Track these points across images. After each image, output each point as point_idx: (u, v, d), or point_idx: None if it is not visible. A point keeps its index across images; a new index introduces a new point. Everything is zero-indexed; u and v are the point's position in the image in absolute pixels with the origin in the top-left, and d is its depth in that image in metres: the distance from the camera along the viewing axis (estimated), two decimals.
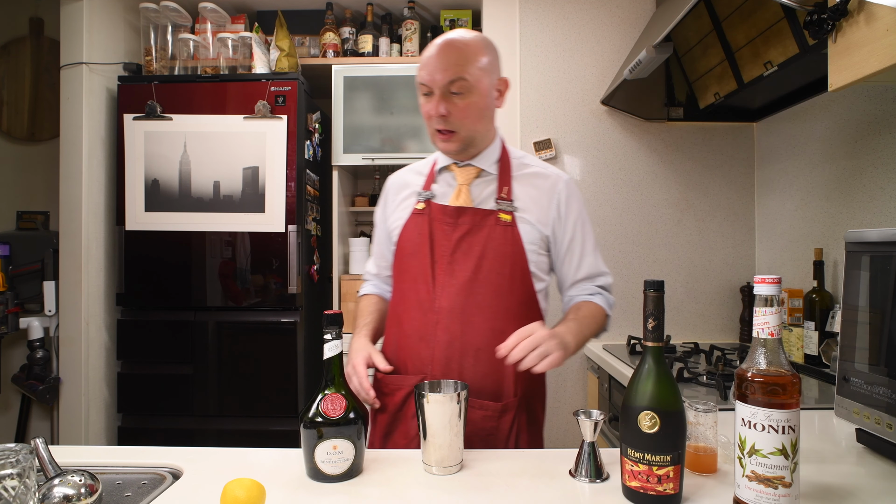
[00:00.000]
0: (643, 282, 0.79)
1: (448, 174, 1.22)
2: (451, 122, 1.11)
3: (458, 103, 1.10)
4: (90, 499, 0.77)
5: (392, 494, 0.84)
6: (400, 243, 1.20)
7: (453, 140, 1.13)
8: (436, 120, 1.12)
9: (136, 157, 2.27)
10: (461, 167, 1.20)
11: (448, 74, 1.08)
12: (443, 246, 1.14)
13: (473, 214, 1.15)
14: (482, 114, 1.14)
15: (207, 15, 2.44)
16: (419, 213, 1.18)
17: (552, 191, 1.20)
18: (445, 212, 1.16)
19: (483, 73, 1.11)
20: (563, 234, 1.20)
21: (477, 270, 1.12)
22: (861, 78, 1.06)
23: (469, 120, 1.12)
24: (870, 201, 1.65)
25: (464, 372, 1.10)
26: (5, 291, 2.30)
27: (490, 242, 1.13)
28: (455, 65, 1.09)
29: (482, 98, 1.12)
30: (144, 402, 2.26)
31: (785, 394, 0.72)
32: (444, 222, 1.15)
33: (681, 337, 2.32)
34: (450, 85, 1.09)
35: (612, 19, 2.38)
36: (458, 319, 1.11)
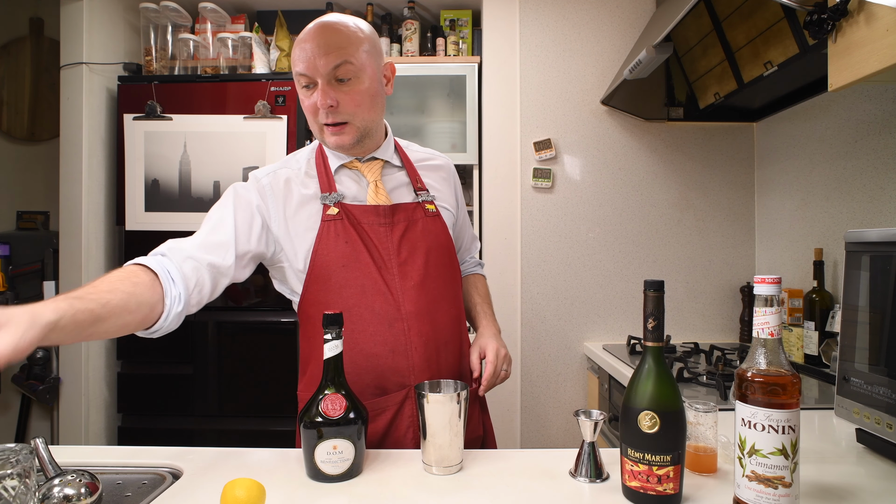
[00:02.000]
0: (643, 282, 0.79)
1: (349, 171, 1.10)
2: (341, 113, 1.01)
3: (347, 91, 1.00)
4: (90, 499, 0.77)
5: (392, 494, 0.84)
6: (320, 258, 1.03)
7: (346, 132, 1.02)
8: (323, 113, 1.00)
9: (136, 157, 2.27)
10: (365, 162, 1.10)
11: (331, 59, 0.97)
12: (385, 249, 1.05)
13: (405, 210, 1.08)
14: (374, 101, 1.04)
15: (207, 15, 2.44)
16: (335, 219, 1.03)
17: (448, 174, 1.23)
18: (378, 212, 1.05)
19: (368, 56, 1.02)
20: (459, 213, 1.25)
21: (426, 266, 1.07)
22: (861, 78, 1.06)
23: (362, 108, 1.02)
24: (870, 201, 1.65)
25: (441, 368, 1.07)
26: (5, 291, 2.30)
27: (428, 235, 1.09)
28: (337, 48, 0.98)
29: (372, 83, 1.03)
30: (144, 402, 2.26)
31: (785, 394, 0.72)
32: (377, 224, 1.05)
33: (681, 337, 2.32)
34: (334, 71, 0.98)
35: (612, 19, 2.38)
36: (427, 319, 1.05)
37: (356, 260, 1.03)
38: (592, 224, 2.38)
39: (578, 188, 2.38)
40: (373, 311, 1.03)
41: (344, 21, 1.03)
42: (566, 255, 2.37)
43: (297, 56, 1.01)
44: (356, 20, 1.05)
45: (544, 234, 2.38)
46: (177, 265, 0.95)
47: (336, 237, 1.03)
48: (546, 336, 2.37)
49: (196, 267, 0.97)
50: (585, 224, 2.38)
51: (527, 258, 2.38)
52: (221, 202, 1.06)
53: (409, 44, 2.58)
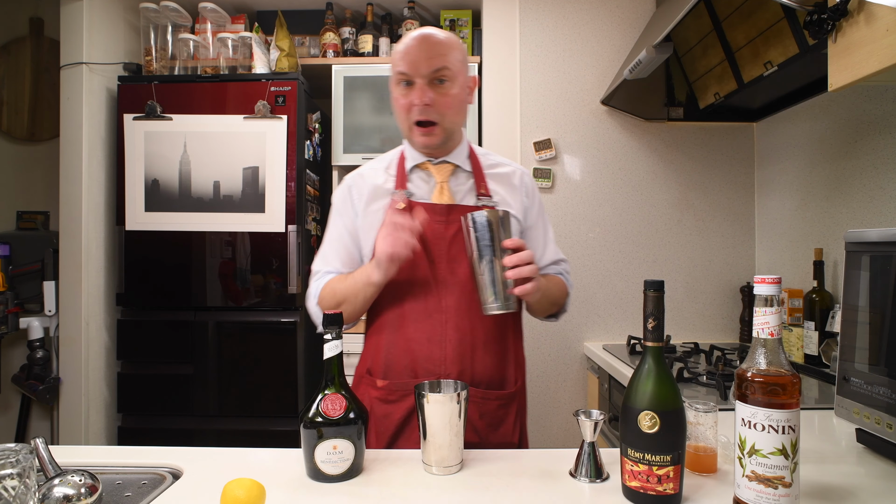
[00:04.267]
0: (643, 282, 0.79)
1: (422, 172, 1.19)
2: (433, 113, 1.10)
3: (443, 93, 1.10)
4: (90, 499, 0.77)
5: (392, 494, 0.84)
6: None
7: (434, 133, 1.12)
8: (418, 110, 1.09)
9: (136, 157, 2.27)
10: (436, 164, 1.18)
11: (433, 63, 1.08)
12: (438, 245, 1.13)
13: (462, 211, 1.14)
14: (461, 107, 1.15)
15: (207, 15, 2.44)
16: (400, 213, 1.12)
17: (520, 184, 1.25)
18: (435, 210, 1.14)
19: (461, 65, 1.13)
20: (529, 223, 1.26)
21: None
22: (861, 78, 1.06)
23: (451, 111, 1.12)
24: (870, 201, 1.65)
25: (475, 366, 1.12)
26: (5, 291, 2.30)
27: None
28: (439, 54, 1.09)
29: (462, 90, 1.14)
30: (144, 402, 2.26)
31: (785, 394, 0.72)
32: (434, 221, 1.13)
33: (681, 337, 2.32)
34: (434, 73, 1.08)
35: (612, 19, 2.38)
36: (466, 316, 1.12)
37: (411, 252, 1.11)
38: (592, 224, 2.38)
39: (578, 188, 2.38)
40: (417, 299, 1.12)
41: (442, 33, 1.14)
42: (566, 255, 2.36)
43: (400, 57, 1.11)
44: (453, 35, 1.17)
45: None
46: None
47: None
48: (546, 336, 2.37)
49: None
50: (585, 224, 2.38)
51: None
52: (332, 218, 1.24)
53: None
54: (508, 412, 1.15)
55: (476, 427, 1.11)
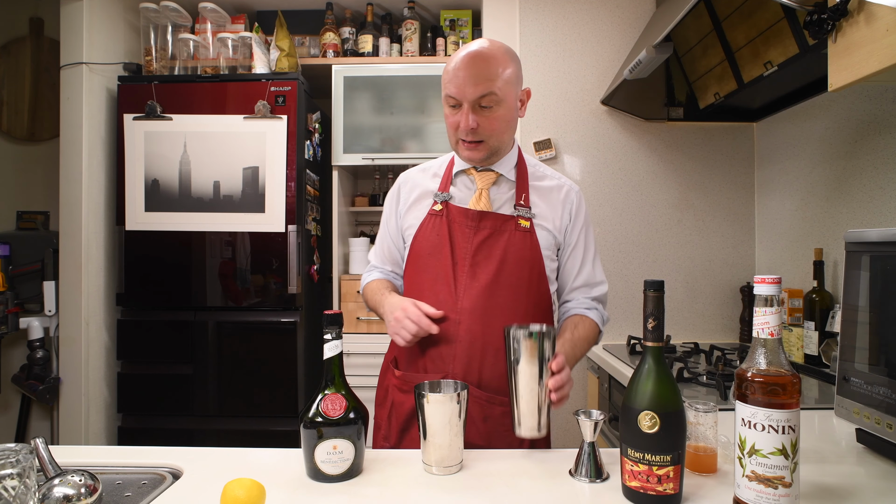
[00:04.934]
0: (643, 282, 0.79)
1: (466, 177, 1.23)
2: (479, 134, 1.13)
3: (488, 116, 1.11)
4: (90, 499, 0.77)
5: (392, 494, 0.84)
6: (416, 243, 1.21)
7: (479, 149, 1.15)
8: (463, 132, 1.12)
9: (136, 157, 2.27)
10: (480, 171, 1.21)
11: (479, 89, 1.08)
12: (464, 248, 1.16)
13: (494, 219, 1.17)
14: (508, 125, 1.16)
15: (207, 15, 2.44)
16: (437, 215, 1.19)
17: (565, 199, 1.25)
18: (467, 215, 1.17)
19: (510, 85, 1.12)
20: (570, 240, 1.25)
21: (498, 273, 1.14)
22: (861, 78, 1.06)
23: (497, 132, 1.14)
24: (870, 201, 1.65)
25: (483, 370, 1.13)
26: (5, 291, 2.30)
27: (510, 247, 1.16)
28: (486, 79, 1.09)
29: (509, 111, 1.14)
30: (144, 402, 2.26)
31: (785, 394, 0.72)
32: (465, 225, 1.16)
33: (681, 337, 2.32)
34: (479, 99, 1.09)
35: (612, 19, 2.38)
36: (480, 320, 1.13)
37: (438, 251, 1.17)
38: (592, 224, 2.37)
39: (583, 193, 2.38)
40: (437, 297, 1.15)
41: (493, 51, 1.11)
42: None
43: (449, 79, 1.12)
44: (506, 48, 1.14)
45: None
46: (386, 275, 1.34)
47: (431, 229, 1.19)
48: None
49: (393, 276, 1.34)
50: None
51: None
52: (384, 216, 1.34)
53: (409, 44, 2.58)
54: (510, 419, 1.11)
55: (480, 431, 1.12)
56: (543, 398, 0.96)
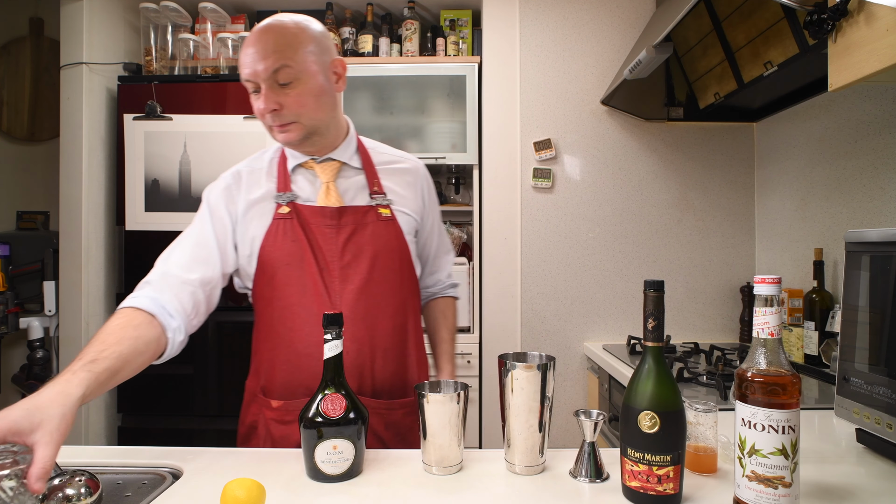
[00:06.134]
0: (643, 282, 0.79)
1: (306, 171, 1.11)
2: (286, 115, 1.01)
3: (289, 93, 1.00)
4: (90, 499, 0.77)
5: (392, 494, 0.84)
6: (267, 254, 1.06)
7: (292, 130, 1.03)
8: (268, 114, 1.01)
9: (136, 157, 2.27)
10: (320, 163, 1.10)
11: (270, 63, 0.97)
12: (330, 251, 1.05)
13: (354, 213, 1.07)
14: (320, 101, 1.04)
15: (207, 15, 2.44)
16: (285, 218, 1.05)
17: (416, 179, 1.20)
18: (325, 213, 1.06)
19: (311, 55, 1.01)
20: (426, 223, 1.22)
21: (371, 271, 1.07)
22: (861, 78, 1.06)
23: (307, 109, 1.02)
24: (870, 201, 1.65)
25: (375, 376, 1.07)
26: (5, 291, 2.30)
27: (377, 240, 1.08)
28: (275, 52, 0.97)
29: (316, 84, 1.02)
30: (144, 402, 2.26)
31: (785, 394, 0.72)
32: (323, 225, 1.05)
33: (681, 337, 2.32)
34: (275, 75, 0.98)
35: (612, 19, 2.38)
36: (363, 324, 1.05)
37: (301, 259, 1.04)
38: (592, 224, 2.38)
39: (578, 188, 2.38)
40: (310, 311, 1.04)
41: (283, 22, 1.01)
42: (566, 255, 2.37)
43: (242, 61, 1.01)
44: (301, 19, 1.04)
45: (544, 234, 2.38)
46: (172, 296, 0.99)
47: (283, 235, 1.05)
48: (546, 336, 2.37)
49: (192, 291, 1.01)
50: (585, 224, 2.38)
51: (527, 258, 2.38)
52: (199, 214, 1.11)
53: (409, 44, 2.58)
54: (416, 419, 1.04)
55: (382, 438, 1.06)
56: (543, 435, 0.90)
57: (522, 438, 0.90)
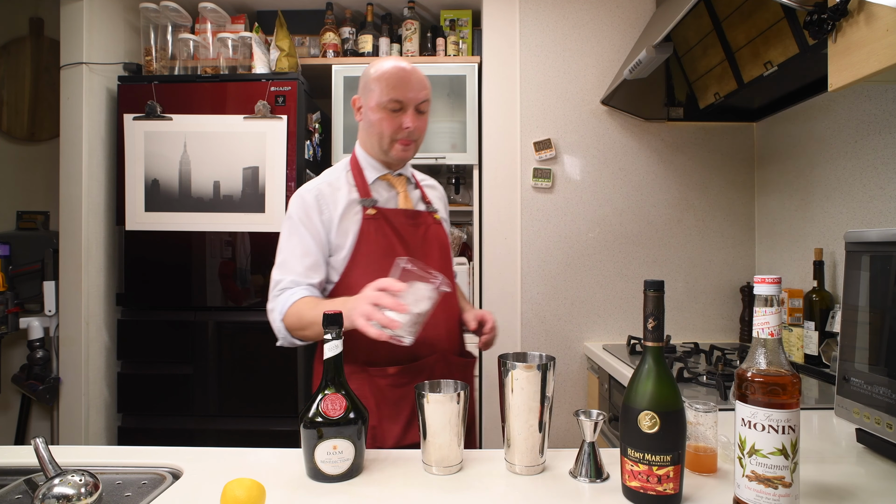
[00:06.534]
0: (643, 282, 0.79)
1: (383, 183, 1.33)
2: (413, 135, 1.27)
3: (422, 119, 1.28)
4: (90, 499, 0.77)
5: (392, 494, 0.84)
6: (364, 248, 1.25)
7: (411, 149, 1.30)
8: (405, 132, 1.25)
9: (136, 157, 2.27)
10: (396, 176, 1.34)
11: (422, 94, 1.26)
12: (413, 243, 1.29)
13: (423, 216, 1.34)
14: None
15: (207, 15, 2.44)
16: (373, 219, 1.26)
17: (442, 196, 1.50)
18: (407, 214, 1.31)
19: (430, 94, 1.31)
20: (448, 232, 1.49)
21: (440, 259, 1.33)
22: (861, 78, 1.06)
23: (423, 133, 1.31)
24: (870, 201, 1.65)
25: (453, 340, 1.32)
26: (5, 291, 2.30)
27: (438, 237, 1.36)
28: (424, 87, 1.27)
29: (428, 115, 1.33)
30: (144, 402, 2.26)
31: (785, 394, 0.72)
32: (406, 224, 1.30)
33: (681, 337, 2.32)
34: (421, 104, 1.26)
35: (612, 19, 2.38)
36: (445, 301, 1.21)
37: (393, 250, 1.24)
38: (592, 224, 2.38)
39: (578, 188, 2.38)
40: None
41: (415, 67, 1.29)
42: (566, 255, 2.37)
43: (391, 86, 1.23)
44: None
45: (544, 234, 2.38)
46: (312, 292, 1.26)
47: (376, 232, 1.26)
48: (546, 336, 2.37)
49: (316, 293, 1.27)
50: (585, 224, 2.38)
51: (527, 258, 2.38)
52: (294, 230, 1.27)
53: (409, 44, 2.58)
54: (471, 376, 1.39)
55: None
56: (543, 435, 0.91)
57: (522, 438, 0.90)
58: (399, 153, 1.28)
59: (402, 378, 1.21)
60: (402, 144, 1.27)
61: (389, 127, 1.25)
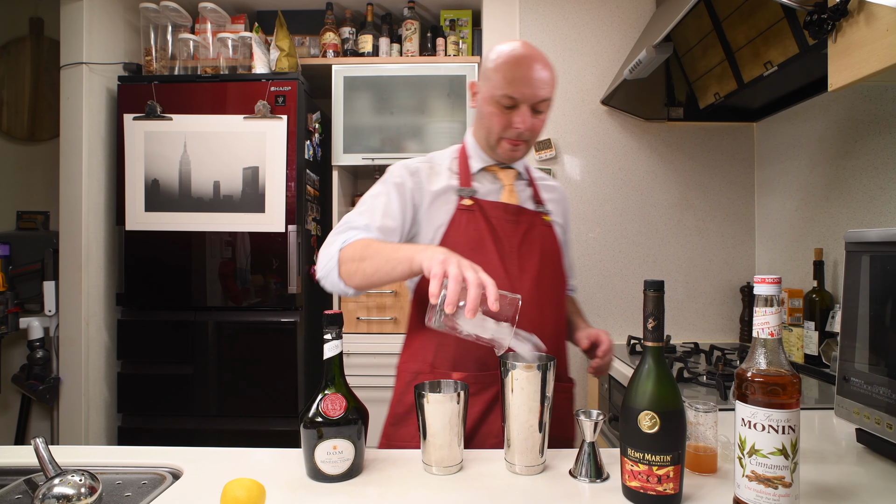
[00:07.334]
0: (643, 282, 0.79)
1: (488, 174, 1.23)
2: (525, 135, 1.15)
3: (538, 118, 1.15)
4: (90, 499, 0.77)
5: (392, 494, 0.84)
6: (451, 240, 1.15)
7: (521, 149, 1.18)
8: (515, 131, 1.13)
9: (136, 157, 2.27)
10: (503, 169, 1.23)
11: (541, 92, 1.11)
12: (510, 241, 1.16)
13: (528, 214, 1.20)
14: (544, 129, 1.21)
15: (207, 15, 2.44)
16: (467, 210, 1.16)
17: (562, 198, 1.33)
18: (507, 209, 1.18)
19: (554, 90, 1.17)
20: (566, 235, 1.34)
21: (541, 265, 1.17)
22: (861, 78, 1.06)
23: (537, 134, 1.18)
24: (870, 201, 1.65)
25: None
26: (5, 291, 2.30)
27: (544, 240, 1.20)
28: (547, 85, 1.12)
29: (548, 115, 1.19)
30: (144, 402, 2.26)
31: (785, 394, 0.72)
32: (505, 219, 1.17)
33: (681, 337, 2.32)
34: (538, 104, 1.12)
35: (612, 19, 2.38)
36: (535, 310, 1.14)
37: (482, 245, 1.14)
38: (592, 224, 2.38)
39: (578, 188, 2.38)
40: None
41: (548, 61, 1.15)
42: None
43: (507, 80, 1.10)
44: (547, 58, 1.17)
45: None
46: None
47: (466, 224, 1.15)
48: None
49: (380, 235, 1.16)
50: (585, 224, 2.38)
51: None
52: (385, 189, 1.18)
53: (409, 44, 2.58)
54: (570, 405, 1.22)
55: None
56: (543, 435, 0.90)
57: (522, 438, 0.90)
58: (507, 152, 1.18)
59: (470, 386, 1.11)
60: (510, 144, 1.16)
61: (499, 123, 1.14)
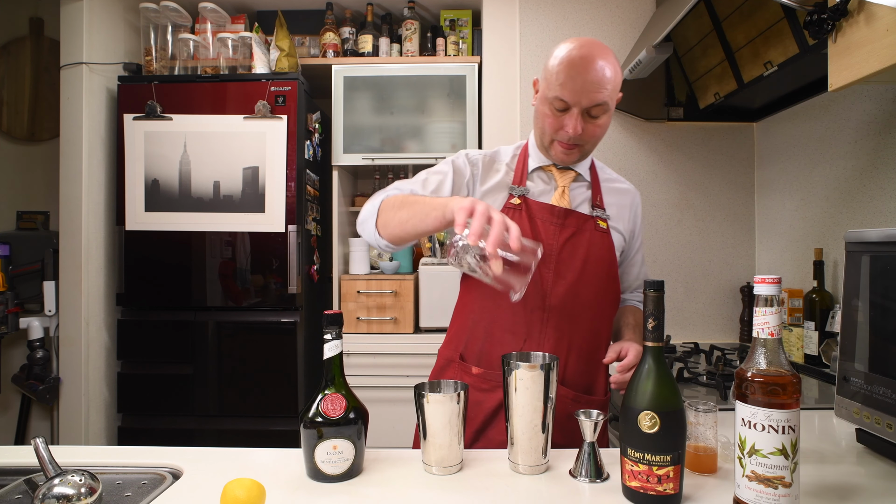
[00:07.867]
0: (643, 282, 0.79)
1: (543, 173, 1.20)
2: (577, 140, 1.11)
3: (593, 123, 1.10)
4: (90, 499, 0.77)
5: (392, 494, 0.84)
6: None
7: (574, 153, 1.14)
8: (566, 136, 1.09)
9: (136, 157, 2.27)
10: (560, 169, 1.20)
11: (598, 96, 1.06)
12: (550, 245, 1.13)
13: (578, 218, 1.16)
14: (604, 134, 1.15)
15: (207, 15, 2.44)
16: (514, 208, 1.14)
17: (632, 204, 1.27)
18: (553, 212, 1.15)
19: (616, 93, 1.11)
20: (633, 245, 1.30)
21: (582, 272, 1.14)
22: (861, 78, 1.06)
23: (596, 139, 1.13)
24: (870, 201, 1.65)
25: (568, 368, 1.13)
26: (5, 291, 2.30)
27: (591, 247, 1.16)
28: (602, 88, 1.06)
29: (608, 119, 1.12)
30: (144, 402, 2.26)
31: (785, 394, 0.72)
32: (549, 222, 1.15)
33: (681, 337, 2.32)
34: (592, 108, 1.07)
35: (612, 19, 2.38)
36: (567, 318, 1.12)
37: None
38: None
39: None
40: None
41: (607, 57, 1.07)
42: None
43: (560, 83, 1.06)
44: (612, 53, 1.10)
45: None
46: None
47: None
48: None
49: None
50: None
51: None
52: (445, 169, 1.19)
53: (409, 44, 2.58)
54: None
55: (564, 430, 1.07)
56: (547, 435, 0.91)
57: (527, 438, 0.90)
58: (560, 155, 1.14)
59: (485, 383, 1.13)
60: (563, 147, 1.12)
61: (551, 126, 1.12)
